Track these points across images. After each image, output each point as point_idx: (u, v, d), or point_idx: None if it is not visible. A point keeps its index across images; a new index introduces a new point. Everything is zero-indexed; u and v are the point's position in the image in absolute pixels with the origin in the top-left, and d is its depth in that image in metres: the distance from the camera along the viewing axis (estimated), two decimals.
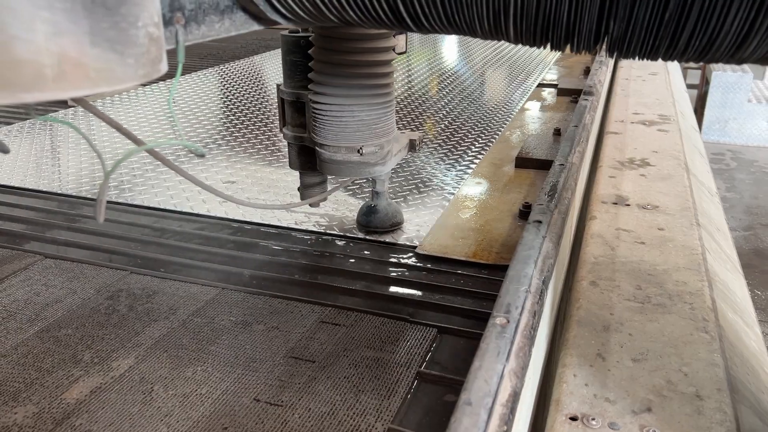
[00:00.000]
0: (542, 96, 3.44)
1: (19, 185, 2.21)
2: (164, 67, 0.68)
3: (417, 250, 1.69)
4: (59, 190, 2.16)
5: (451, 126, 2.87)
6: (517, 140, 2.64)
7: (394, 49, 1.56)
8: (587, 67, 3.84)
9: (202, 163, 2.39)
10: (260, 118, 3.02)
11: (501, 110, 3.14)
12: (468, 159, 2.43)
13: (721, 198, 2.30)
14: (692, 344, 1.14)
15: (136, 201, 2.05)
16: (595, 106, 2.41)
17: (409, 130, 2.04)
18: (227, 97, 3.42)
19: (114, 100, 3.33)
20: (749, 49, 0.75)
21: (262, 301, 1.48)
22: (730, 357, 1.14)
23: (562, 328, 1.24)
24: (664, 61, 0.83)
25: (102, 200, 0.79)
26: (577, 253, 1.54)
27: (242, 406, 1.14)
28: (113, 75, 0.63)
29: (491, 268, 1.61)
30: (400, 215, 1.85)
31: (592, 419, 0.96)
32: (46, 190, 2.17)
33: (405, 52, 1.89)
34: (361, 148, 1.56)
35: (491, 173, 2.27)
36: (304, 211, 1.94)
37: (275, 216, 1.91)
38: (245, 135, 2.75)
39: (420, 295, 1.51)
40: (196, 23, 0.86)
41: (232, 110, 3.16)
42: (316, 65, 1.52)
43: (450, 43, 5.15)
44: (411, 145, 1.76)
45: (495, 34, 0.87)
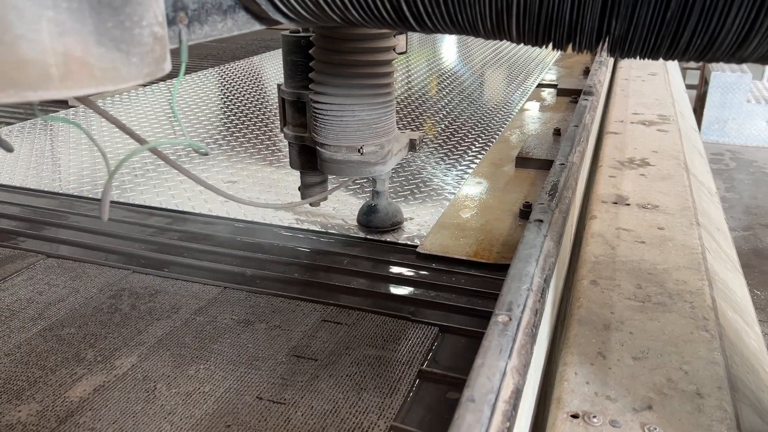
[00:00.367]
0: (542, 96, 3.44)
1: (21, 185, 2.21)
2: (168, 66, 0.68)
3: (418, 250, 1.70)
4: (61, 190, 2.16)
5: (451, 126, 2.88)
6: (516, 140, 2.65)
7: (394, 49, 1.57)
8: (587, 68, 3.84)
9: (202, 163, 2.39)
10: (260, 118, 3.03)
11: (501, 110, 3.15)
12: (468, 159, 2.44)
13: (720, 198, 2.30)
14: (692, 343, 1.14)
15: (137, 201, 2.05)
16: (595, 106, 2.41)
17: (410, 130, 2.04)
18: (227, 98, 3.42)
19: (114, 100, 3.34)
20: (750, 48, 0.75)
21: (264, 300, 1.48)
22: (730, 355, 1.15)
23: (563, 327, 1.25)
24: (665, 60, 0.84)
25: (106, 199, 0.80)
26: (577, 252, 1.55)
27: (245, 404, 1.14)
28: (118, 74, 0.63)
29: (492, 267, 1.61)
30: (401, 215, 1.86)
31: (594, 417, 0.97)
32: (47, 189, 2.18)
33: (405, 52, 1.90)
34: (361, 148, 1.56)
35: (491, 173, 2.27)
36: (305, 211, 1.94)
37: (276, 215, 1.91)
38: (246, 135, 2.75)
39: (421, 294, 1.51)
40: (199, 23, 0.86)
41: (232, 110, 3.16)
42: (316, 65, 1.53)
43: (450, 44, 5.16)
44: (411, 145, 1.77)
45: (497, 34, 0.88)
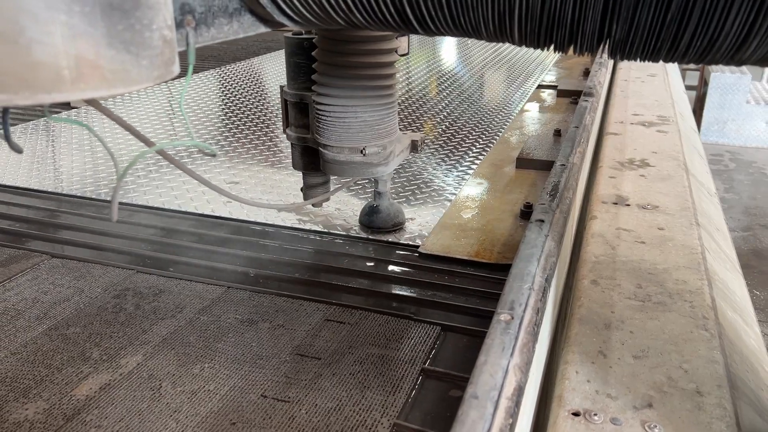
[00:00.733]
0: (542, 97, 3.45)
1: (25, 185, 2.23)
2: (176, 68, 0.70)
3: (420, 250, 1.71)
4: (65, 190, 2.17)
5: (452, 128, 2.89)
6: (517, 141, 2.66)
7: (396, 50, 1.58)
8: (587, 69, 3.85)
9: (205, 164, 2.40)
10: (262, 119, 3.04)
11: (501, 112, 3.16)
12: (469, 160, 2.45)
13: (719, 198, 2.32)
14: (692, 342, 1.16)
15: (141, 201, 2.06)
16: (595, 107, 2.42)
17: (411, 131, 2.06)
18: (229, 99, 3.44)
19: (116, 101, 3.35)
20: (749, 50, 0.76)
21: (268, 299, 1.50)
22: (730, 354, 1.16)
23: (564, 326, 1.26)
24: (665, 62, 0.85)
25: (116, 200, 0.81)
26: (578, 252, 1.56)
27: (249, 402, 1.16)
28: (128, 76, 0.64)
29: (493, 267, 1.62)
30: (402, 215, 1.87)
31: (594, 415, 0.98)
32: (51, 190, 2.19)
33: (407, 53, 1.91)
34: (364, 149, 1.57)
35: (492, 174, 2.28)
36: (307, 211, 1.96)
37: (279, 216, 1.93)
38: (248, 136, 2.77)
39: (423, 294, 1.52)
40: (206, 26, 0.88)
41: (234, 112, 3.18)
42: (319, 67, 1.54)
43: (450, 45, 5.17)
44: (413, 146, 1.78)
45: (500, 36, 0.89)
